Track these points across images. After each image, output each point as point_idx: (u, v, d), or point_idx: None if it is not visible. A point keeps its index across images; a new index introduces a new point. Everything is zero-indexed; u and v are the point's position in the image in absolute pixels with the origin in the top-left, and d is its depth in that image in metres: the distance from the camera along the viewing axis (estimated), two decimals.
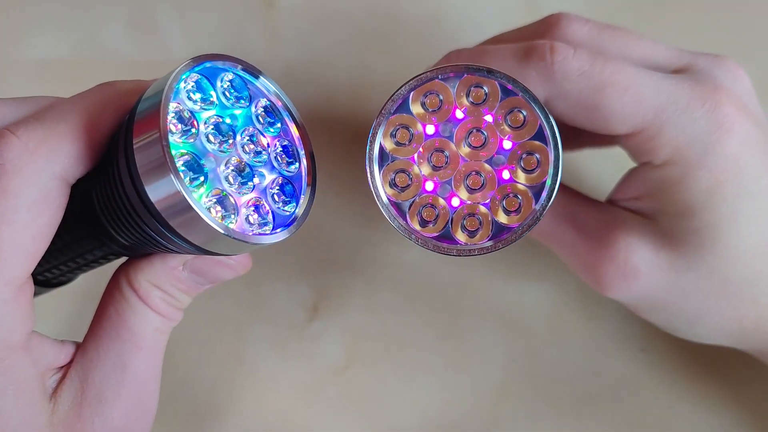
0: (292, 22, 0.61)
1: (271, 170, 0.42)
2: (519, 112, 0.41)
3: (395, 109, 0.41)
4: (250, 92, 0.42)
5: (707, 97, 0.44)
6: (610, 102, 0.44)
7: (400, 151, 0.42)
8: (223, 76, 0.41)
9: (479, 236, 0.41)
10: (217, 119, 0.40)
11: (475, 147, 0.41)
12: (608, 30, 0.47)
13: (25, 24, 0.60)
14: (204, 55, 0.39)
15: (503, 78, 0.40)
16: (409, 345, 0.58)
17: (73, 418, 0.40)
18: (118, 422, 0.41)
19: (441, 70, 0.41)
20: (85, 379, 0.41)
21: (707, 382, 0.57)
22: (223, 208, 0.39)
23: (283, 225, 0.41)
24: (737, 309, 0.47)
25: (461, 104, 0.41)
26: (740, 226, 0.45)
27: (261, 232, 0.40)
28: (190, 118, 0.39)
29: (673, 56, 0.48)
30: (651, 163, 0.46)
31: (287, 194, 0.42)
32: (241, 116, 0.41)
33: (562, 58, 0.44)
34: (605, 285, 0.48)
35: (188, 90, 0.39)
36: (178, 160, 0.37)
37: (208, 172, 0.39)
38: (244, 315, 0.58)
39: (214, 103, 0.40)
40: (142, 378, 0.42)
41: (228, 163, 0.40)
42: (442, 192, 0.42)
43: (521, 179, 0.41)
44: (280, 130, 0.42)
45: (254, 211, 0.40)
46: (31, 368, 0.39)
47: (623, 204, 0.49)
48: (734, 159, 0.44)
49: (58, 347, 0.41)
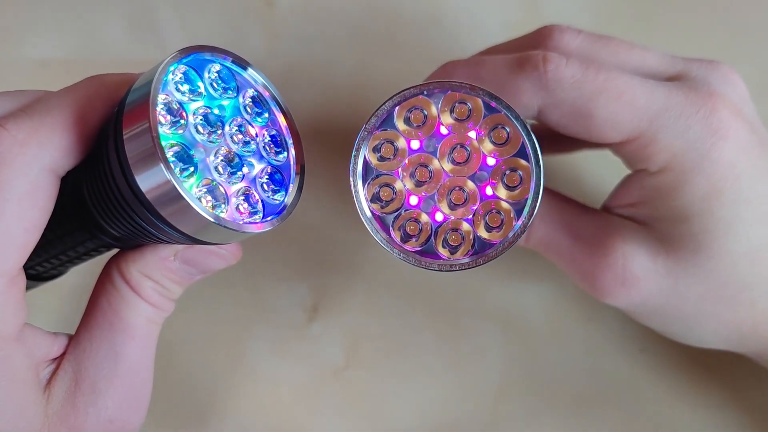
0: (292, 21, 0.60)
1: (260, 160, 0.42)
2: (502, 128, 0.40)
3: (380, 124, 0.41)
4: (238, 83, 0.42)
5: (702, 103, 0.44)
6: (603, 110, 0.43)
7: (384, 166, 0.41)
8: (210, 68, 0.41)
9: (461, 251, 0.41)
10: (205, 110, 0.40)
11: (459, 163, 0.41)
12: (601, 40, 0.47)
13: (25, 24, 0.60)
14: (191, 47, 0.39)
15: (486, 95, 0.40)
16: (408, 345, 0.58)
17: (68, 408, 0.40)
18: (111, 412, 0.41)
19: (425, 86, 0.40)
20: (79, 369, 0.41)
21: (706, 383, 0.57)
22: (214, 198, 0.39)
23: (273, 213, 0.41)
24: (735, 313, 0.47)
25: (445, 120, 0.41)
26: (737, 231, 0.44)
27: (251, 221, 0.40)
28: (178, 109, 0.39)
29: (667, 63, 0.47)
30: (647, 170, 0.45)
31: (276, 183, 0.42)
32: (229, 107, 0.41)
33: (554, 67, 0.43)
34: (603, 292, 0.47)
35: (176, 81, 0.39)
36: (168, 150, 0.37)
37: (197, 162, 0.39)
38: (244, 315, 0.58)
39: (202, 94, 0.40)
40: (135, 368, 0.42)
41: (217, 153, 0.40)
42: (426, 207, 0.41)
43: (504, 195, 0.41)
44: (267, 120, 0.42)
45: (244, 200, 0.40)
46: (24, 360, 0.39)
47: (618, 211, 0.49)
48: (731, 164, 0.44)
49: (51, 339, 0.41)
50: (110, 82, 0.40)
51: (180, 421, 0.57)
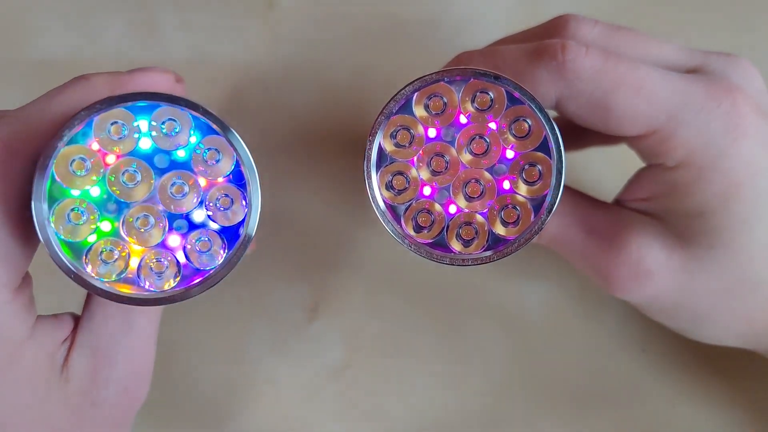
0: (292, 22, 0.59)
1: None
2: (524, 121, 0.39)
3: (397, 110, 0.39)
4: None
5: (722, 97, 0.43)
6: (622, 102, 0.42)
7: (399, 153, 0.40)
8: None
9: (474, 246, 0.40)
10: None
11: (477, 154, 0.39)
12: (619, 31, 0.46)
13: (25, 24, 0.59)
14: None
15: (510, 85, 0.38)
16: (409, 345, 0.57)
17: (88, 382, 0.41)
18: (126, 381, 0.42)
19: (447, 73, 0.39)
20: (95, 342, 0.41)
21: (708, 382, 0.56)
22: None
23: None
24: (750, 309, 0.46)
25: (465, 109, 0.39)
26: (754, 227, 0.44)
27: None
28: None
29: (685, 56, 0.46)
30: (663, 164, 0.44)
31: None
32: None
33: (574, 57, 0.42)
34: (617, 287, 0.46)
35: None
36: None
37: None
38: (244, 315, 0.57)
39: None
40: (145, 338, 0.43)
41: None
42: (440, 198, 0.40)
43: (522, 191, 0.39)
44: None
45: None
46: (38, 353, 0.40)
47: (632, 205, 0.48)
48: (750, 161, 0.43)
49: (57, 323, 0.41)
50: (97, 86, 0.40)
51: (179, 421, 0.56)
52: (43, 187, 0.37)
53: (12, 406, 0.39)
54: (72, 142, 0.37)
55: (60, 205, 0.37)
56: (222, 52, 0.58)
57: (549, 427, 0.56)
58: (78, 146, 0.37)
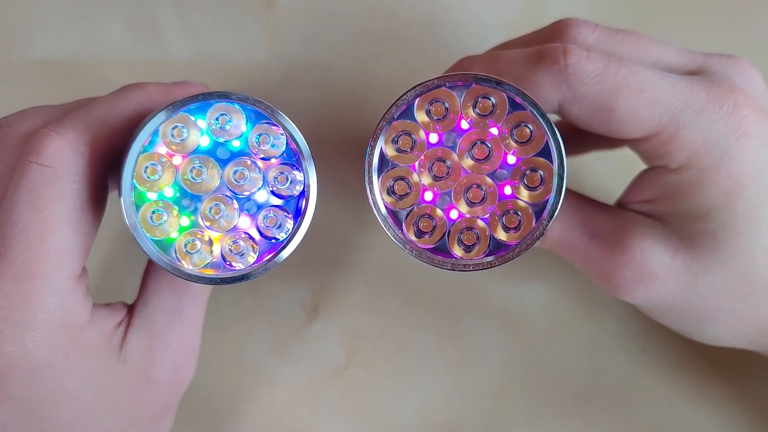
0: (292, 22, 0.59)
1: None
2: (526, 126, 0.38)
3: (399, 115, 0.39)
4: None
5: (724, 99, 0.42)
6: (625, 105, 0.42)
7: (401, 158, 0.39)
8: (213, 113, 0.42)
9: (476, 251, 0.40)
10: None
11: (478, 159, 0.39)
12: (620, 34, 0.45)
13: (25, 24, 0.58)
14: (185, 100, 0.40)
15: (512, 90, 0.38)
16: (409, 345, 0.57)
17: (144, 361, 0.44)
18: (177, 361, 0.45)
19: (449, 78, 0.38)
20: (150, 325, 0.44)
21: (707, 382, 0.56)
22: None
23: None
24: (754, 311, 0.45)
25: (467, 115, 0.39)
26: (758, 228, 0.43)
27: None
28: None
29: (686, 58, 0.46)
30: (666, 166, 0.44)
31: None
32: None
33: (575, 60, 0.42)
34: (622, 289, 0.46)
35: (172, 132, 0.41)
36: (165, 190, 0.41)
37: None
38: (244, 316, 0.57)
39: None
40: (194, 321, 0.46)
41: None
42: (441, 203, 0.40)
43: (523, 196, 0.39)
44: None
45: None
46: (97, 336, 0.42)
47: (635, 207, 0.47)
48: (753, 162, 0.43)
49: (111, 310, 0.44)
50: (150, 96, 0.43)
51: (180, 421, 0.55)
52: (130, 197, 0.40)
53: (77, 384, 0.41)
54: (143, 151, 0.40)
55: (142, 209, 0.40)
56: (222, 52, 0.57)
57: (549, 427, 0.56)
58: (148, 153, 0.40)
